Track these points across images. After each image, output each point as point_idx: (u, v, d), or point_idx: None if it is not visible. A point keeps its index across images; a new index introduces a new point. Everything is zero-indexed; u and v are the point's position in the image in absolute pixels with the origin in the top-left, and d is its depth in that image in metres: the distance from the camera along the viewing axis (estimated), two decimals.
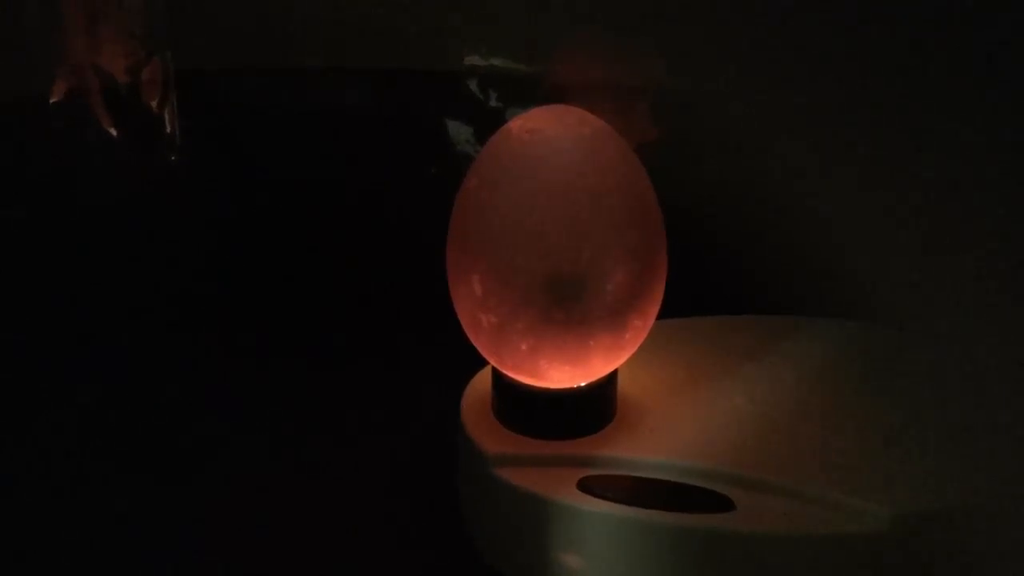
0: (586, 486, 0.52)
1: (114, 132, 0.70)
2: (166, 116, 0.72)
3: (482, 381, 0.58)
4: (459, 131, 0.76)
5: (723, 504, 0.51)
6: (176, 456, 0.64)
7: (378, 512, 0.60)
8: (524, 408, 0.55)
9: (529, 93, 0.71)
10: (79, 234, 0.71)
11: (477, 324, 0.53)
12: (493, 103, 0.75)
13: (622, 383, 0.57)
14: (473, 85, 0.75)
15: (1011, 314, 0.64)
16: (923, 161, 0.67)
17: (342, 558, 0.57)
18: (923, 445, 0.54)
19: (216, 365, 0.70)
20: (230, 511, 0.60)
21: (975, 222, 0.66)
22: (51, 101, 0.69)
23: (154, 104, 0.71)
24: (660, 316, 0.55)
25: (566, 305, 0.51)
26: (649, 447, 0.54)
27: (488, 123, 0.73)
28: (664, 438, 0.55)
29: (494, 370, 0.56)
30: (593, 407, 0.56)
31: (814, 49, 0.69)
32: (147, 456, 0.63)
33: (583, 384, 0.55)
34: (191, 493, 0.61)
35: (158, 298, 0.73)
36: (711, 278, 0.70)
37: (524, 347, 0.52)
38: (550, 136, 0.51)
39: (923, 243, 0.68)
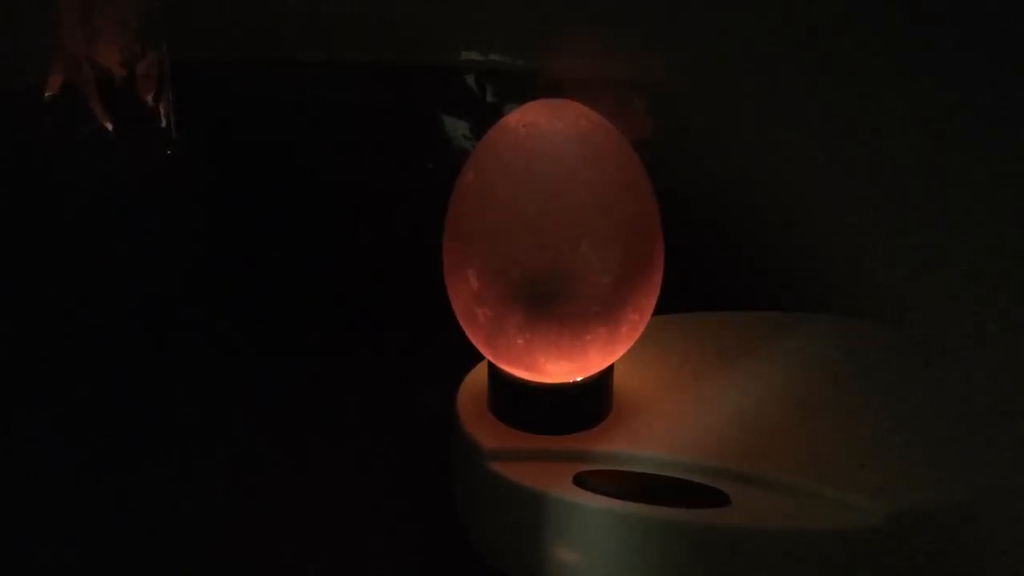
0: (582, 481, 0.52)
1: (110, 125, 0.70)
2: (162, 109, 0.72)
3: (478, 376, 0.58)
4: (456, 125, 0.76)
5: (719, 499, 0.51)
6: (170, 453, 0.63)
7: (374, 507, 0.59)
8: (520, 403, 0.55)
9: (527, 88, 0.71)
10: (74, 227, 0.71)
11: (473, 318, 0.53)
12: (491, 97, 0.75)
13: (618, 378, 0.57)
14: (471, 79, 0.75)
15: (1009, 312, 0.64)
16: (923, 158, 0.67)
17: (338, 553, 0.57)
18: (919, 442, 0.54)
19: (211, 360, 0.70)
20: (225, 508, 0.59)
21: (974, 220, 0.66)
22: (46, 94, 0.69)
23: (150, 97, 0.71)
24: (657, 311, 0.55)
25: (562, 299, 0.51)
26: (645, 442, 0.54)
27: (485, 117, 0.73)
28: (660, 433, 0.55)
29: (490, 365, 0.56)
30: (589, 402, 0.56)
31: (814, 44, 0.69)
32: (141, 453, 0.63)
33: (579, 379, 0.55)
34: (186, 490, 0.61)
35: (153, 291, 0.72)
36: (708, 274, 0.70)
37: (520, 341, 0.52)
38: (547, 130, 0.51)
39: (921, 240, 0.68)
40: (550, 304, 0.51)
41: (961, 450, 0.54)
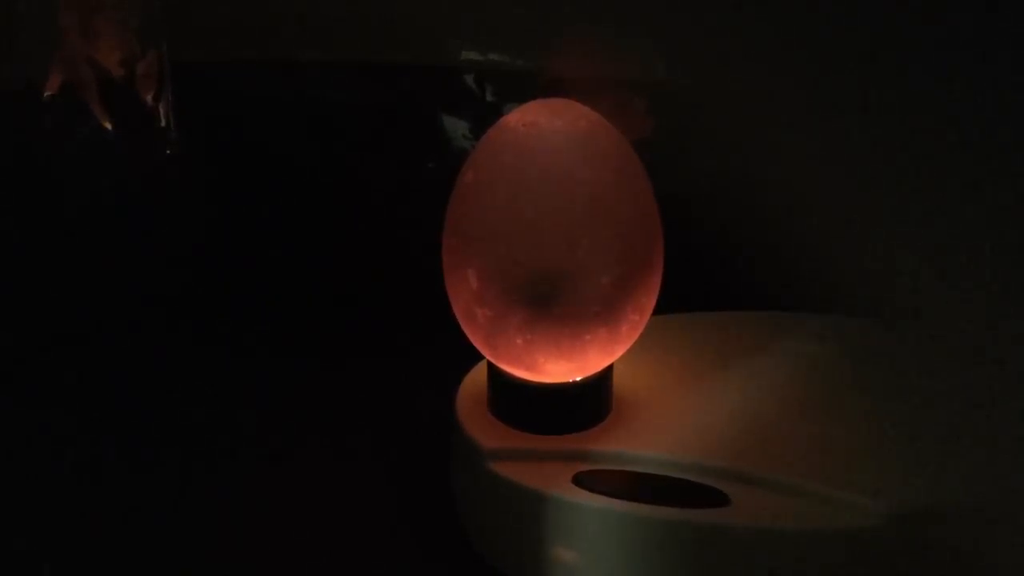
0: (581, 481, 0.52)
1: (109, 125, 0.70)
2: (162, 109, 0.72)
3: (477, 376, 0.58)
4: (456, 125, 0.76)
5: (718, 499, 0.51)
6: (170, 453, 0.63)
7: (373, 508, 0.59)
8: (519, 403, 0.55)
9: (526, 87, 0.70)
10: (74, 228, 0.71)
11: (473, 318, 0.53)
12: (490, 97, 0.75)
13: (618, 378, 0.57)
14: (471, 79, 0.75)
15: (1009, 312, 0.64)
16: (922, 159, 0.67)
17: (337, 554, 0.57)
18: (919, 442, 0.54)
19: (211, 360, 0.70)
20: (225, 508, 0.59)
21: (974, 220, 0.66)
22: (46, 94, 0.69)
23: (150, 97, 0.71)
24: (656, 311, 0.55)
25: (562, 299, 0.51)
26: (645, 442, 0.54)
27: (485, 117, 0.73)
28: (660, 433, 0.55)
29: (489, 365, 0.56)
30: (589, 402, 0.56)
31: (814, 44, 0.69)
32: (141, 453, 0.63)
33: (579, 379, 0.55)
34: (186, 490, 0.61)
35: (152, 292, 0.72)
36: (708, 274, 0.70)
37: (520, 341, 0.52)
38: (547, 130, 0.51)
39: (921, 239, 0.68)
40: (550, 304, 0.51)
41: (961, 450, 0.54)
